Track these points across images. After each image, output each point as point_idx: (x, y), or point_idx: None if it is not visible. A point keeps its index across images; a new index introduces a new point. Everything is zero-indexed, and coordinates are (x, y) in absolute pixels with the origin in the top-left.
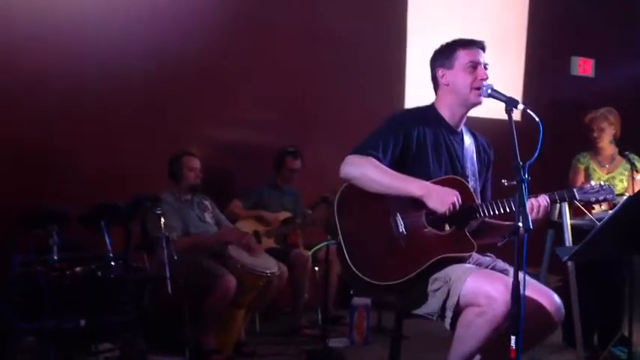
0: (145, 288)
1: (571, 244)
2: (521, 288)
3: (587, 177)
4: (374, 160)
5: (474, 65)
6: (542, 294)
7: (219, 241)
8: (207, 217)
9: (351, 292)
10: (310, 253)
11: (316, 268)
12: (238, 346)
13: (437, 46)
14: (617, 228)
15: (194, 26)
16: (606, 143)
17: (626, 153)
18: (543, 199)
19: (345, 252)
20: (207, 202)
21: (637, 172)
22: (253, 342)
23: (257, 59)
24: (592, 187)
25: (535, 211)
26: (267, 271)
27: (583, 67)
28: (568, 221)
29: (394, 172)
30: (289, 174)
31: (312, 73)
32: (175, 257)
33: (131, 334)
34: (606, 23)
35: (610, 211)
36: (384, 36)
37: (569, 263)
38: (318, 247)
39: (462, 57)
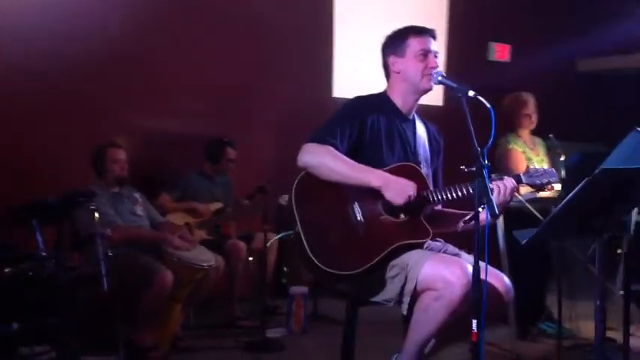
0: (79, 287)
1: (502, 226)
2: (484, 273)
3: (527, 161)
4: (332, 148)
5: (425, 53)
6: (494, 276)
7: (156, 239)
8: (139, 210)
9: (284, 281)
10: (268, 244)
11: (250, 259)
12: (175, 341)
13: (389, 32)
14: (574, 212)
15: (118, 9)
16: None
17: (551, 136)
18: (510, 181)
19: (303, 241)
20: (137, 195)
21: (560, 154)
22: (189, 336)
23: (184, 46)
24: (537, 171)
25: (502, 193)
26: (205, 264)
27: (500, 52)
28: None
29: (352, 162)
30: (228, 164)
31: (239, 62)
32: (110, 254)
33: (66, 336)
34: (523, 9)
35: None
36: (311, 25)
37: (501, 245)
38: (277, 237)
39: (414, 45)
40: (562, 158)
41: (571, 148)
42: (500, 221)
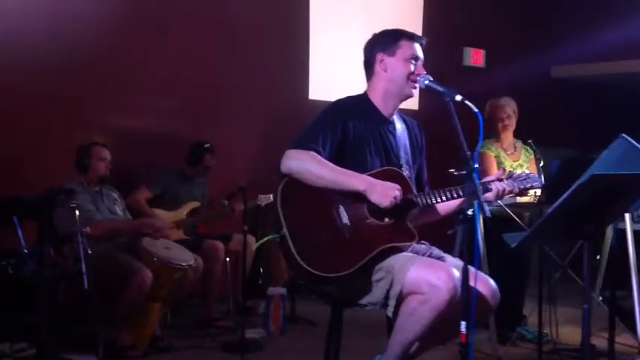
0: (60, 284)
1: (482, 231)
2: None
3: (499, 165)
4: (315, 154)
5: (415, 59)
6: (480, 280)
7: (135, 229)
8: (118, 209)
9: (260, 282)
10: (255, 247)
11: (227, 259)
12: (153, 341)
13: (377, 31)
14: (564, 217)
15: (93, 8)
16: (512, 131)
17: (530, 141)
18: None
19: (290, 243)
20: (115, 195)
21: (540, 159)
22: (167, 336)
23: (159, 45)
24: (519, 176)
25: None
26: (184, 264)
27: (474, 57)
28: None
29: (336, 167)
30: (205, 171)
31: (215, 61)
32: (90, 252)
33: (45, 333)
34: (497, 14)
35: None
36: (287, 26)
37: (481, 251)
38: (264, 240)
39: (405, 48)
40: (541, 164)
41: (547, 153)
42: (480, 226)
